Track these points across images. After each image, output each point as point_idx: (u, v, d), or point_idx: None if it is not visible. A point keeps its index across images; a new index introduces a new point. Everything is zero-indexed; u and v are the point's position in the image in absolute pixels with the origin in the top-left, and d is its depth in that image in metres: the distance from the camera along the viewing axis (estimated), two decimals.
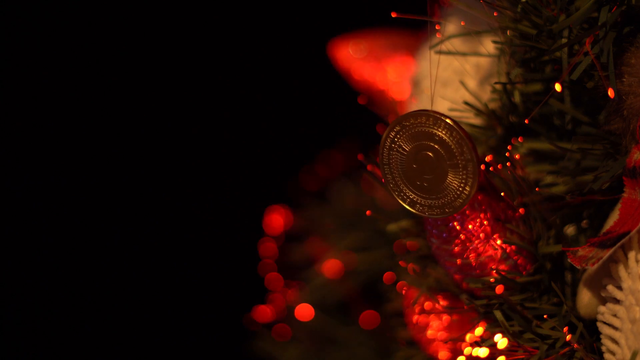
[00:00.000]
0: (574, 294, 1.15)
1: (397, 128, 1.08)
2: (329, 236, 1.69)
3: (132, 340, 2.23)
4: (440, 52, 1.19)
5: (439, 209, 1.09)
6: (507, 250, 1.14)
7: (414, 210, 1.10)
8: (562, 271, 1.16)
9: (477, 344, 1.13)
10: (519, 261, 1.14)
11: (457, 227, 1.13)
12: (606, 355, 1.08)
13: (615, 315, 1.06)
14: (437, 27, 1.17)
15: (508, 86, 1.17)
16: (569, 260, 1.07)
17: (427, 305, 1.25)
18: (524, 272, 1.14)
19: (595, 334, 1.10)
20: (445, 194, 1.08)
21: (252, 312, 1.73)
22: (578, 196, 1.13)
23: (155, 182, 2.26)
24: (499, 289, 1.12)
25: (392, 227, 1.26)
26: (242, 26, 2.24)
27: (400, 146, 1.09)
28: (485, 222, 1.13)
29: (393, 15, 1.17)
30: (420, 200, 1.10)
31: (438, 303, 1.23)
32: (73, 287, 2.22)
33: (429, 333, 1.28)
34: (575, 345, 1.10)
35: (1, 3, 2.16)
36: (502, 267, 1.14)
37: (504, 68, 1.19)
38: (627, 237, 1.04)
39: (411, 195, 1.10)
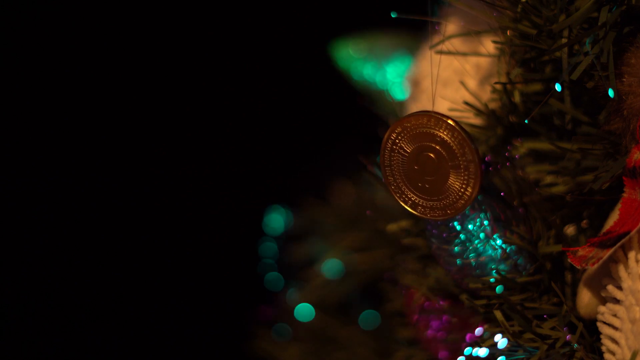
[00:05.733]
0: (574, 294, 1.15)
1: (398, 129, 1.08)
2: (328, 236, 1.69)
3: (132, 340, 2.23)
4: (440, 52, 1.19)
5: (441, 210, 1.09)
6: (507, 250, 1.14)
7: (415, 213, 1.10)
8: (562, 271, 1.16)
9: (477, 344, 1.13)
10: (519, 261, 1.14)
11: (457, 227, 1.13)
12: (606, 355, 1.08)
13: (615, 315, 1.06)
14: (437, 27, 1.17)
15: (508, 86, 1.17)
16: (569, 260, 1.07)
17: (427, 305, 1.25)
18: (524, 272, 1.14)
19: (595, 334, 1.10)
20: (447, 196, 1.08)
21: (252, 312, 1.73)
22: (578, 196, 1.13)
23: (155, 182, 2.26)
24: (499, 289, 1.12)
25: (392, 227, 1.26)
26: (242, 26, 2.24)
27: (401, 147, 1.08)
28: (485, 222, 1.13)
29: (393, 15, 1.17)
30: (422, 202, 1.09)
31: (438, 303, 1.23)
32: (74, 287, 2.22)
33: (429, 333, 1.28)
34: (575, 345, 1.10)
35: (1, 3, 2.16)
36: (502, 267, 1.14)
37: (504, 68, 1.19)
38: (627, 237, 1.04)
39: (413, 197, 1.09)
